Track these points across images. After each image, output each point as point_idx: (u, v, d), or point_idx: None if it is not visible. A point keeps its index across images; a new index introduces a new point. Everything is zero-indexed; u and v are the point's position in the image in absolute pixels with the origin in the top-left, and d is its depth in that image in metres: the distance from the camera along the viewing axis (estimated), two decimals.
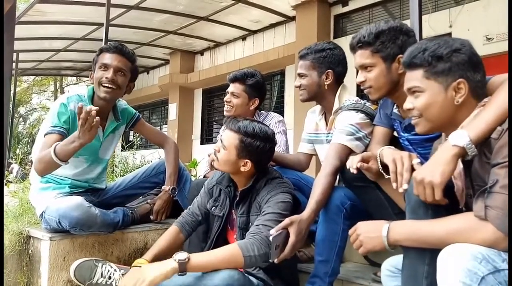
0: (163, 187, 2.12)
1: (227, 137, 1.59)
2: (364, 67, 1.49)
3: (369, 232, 1.14)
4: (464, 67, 1.07)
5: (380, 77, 1.46)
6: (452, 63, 1.07)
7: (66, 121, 1.82)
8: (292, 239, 1.40)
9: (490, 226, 0.94)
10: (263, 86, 2.27)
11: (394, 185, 1.21)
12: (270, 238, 1.37)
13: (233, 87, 2.21)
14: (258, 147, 1.56)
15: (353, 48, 1.51)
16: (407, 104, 1.15)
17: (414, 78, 1.12)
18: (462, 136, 1.01)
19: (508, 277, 0.90)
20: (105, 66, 1.86)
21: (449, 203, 1.07)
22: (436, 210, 1.07)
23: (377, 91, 1.49)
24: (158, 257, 1.62)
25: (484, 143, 1.01)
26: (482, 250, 0.92)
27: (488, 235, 0.93)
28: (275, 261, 1.39)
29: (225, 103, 2.23)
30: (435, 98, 1.09)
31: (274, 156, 1.88)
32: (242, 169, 1.58)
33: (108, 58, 1.87)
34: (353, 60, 1.55)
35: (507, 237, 0.92)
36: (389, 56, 1.44)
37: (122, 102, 2.11)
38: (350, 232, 1.21)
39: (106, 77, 1.84)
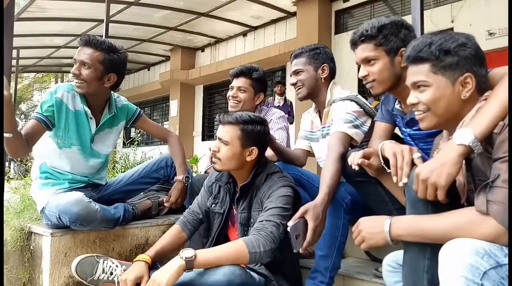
0: (175, 177, 2.12)
1: (227, 132, 1.59)
2: (366, 61, 1.47)
3: (371, 228, 1.13)
4: (471, 61, 1.06)
5: (384, 70, 1.45)
6: (460, 57, 1.06)
7: (48, 109, 1.84)
8: (311, 224, 1.41)
9: (492, 220, 0.93)
10: (266, 81, 2.29)
11: (394, 178, 1.20)
12: (288, 229, 1.38)
13: (240, 82, 2.19)
14: (260, 131, 1.59)
15: (355, 43, 1.50)
16: (411, 99, 1.13)
17: (419, 72, 1.10)
18: (467, 135, 1.00)
19: (508, 272, 0.90)
20: (75, 61, 1.87)
21: (450, 198, 1.07)
22: (436, 204, 1.06)
23: (381, 84, 1.47)
24: (161, 255, 1.63)
25: (488, 139, 1.00)
26: (484, 245, 0.91)
27: (490, 230, 0.93)
28: (300, 250, 1.41)
29: (230, 98, 2.20)
30: (443, 93, 1.07)
31: (279, 148, 1.89)
32: (248, 158, 1.58)
33: (76, 52, 1.88)
34: (353, 58, 1.54)
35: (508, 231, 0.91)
36: (392, 49, 1.44)
37: (122, 98, 2.10)
38: (353, 228, 1.20)
39: (71, 72, 1.87)
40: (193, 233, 1.76)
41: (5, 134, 1.58)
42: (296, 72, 1.90)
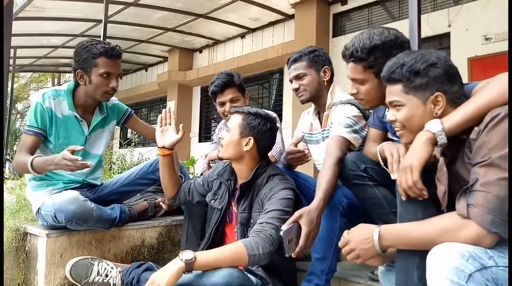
0: None
1: (232, 119, 1.67)
2: (356, 81, 1.49)
3: (362, 244, 1.14)
4: (440, 80, 1.11)
5: (372, 91, 1.46)
6: (429, 77, 1.11)
7: (43, 120, 1.84)
8: (304, 230, 1.41)
9: (473, 223, 0.96)
10: (242, 79, 2.27)
11: (392, 176, 1.23)
12: (281, 233, 1.37)
13: (229, 93, 2.16)
14: (260, 124, 1.62)
15: (345, 58, 1.50)
16: (389, 116, 1.20)
17: (394, 92, 1.17)
18: (435, 124, 1.07)
19: (509, 271, 0.92)
20: None
21: (437, 201, 1.09)
22: (425, 202, 1.10)
23: (369, 103, 1.51)
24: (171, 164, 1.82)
25: (467, 144, 1.04)
26: (469, 248, 0.94)
27: (471, 233, 0.96)
28: (292, 255, 1.41)
29: (227, 115, 2.13)
30: (415, 112, 1.13)
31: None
32: (245, 148, 1.61)
33: None
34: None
35: (489, 233, 0.94)
36: (382, 71, 1.42)
37: (113, 98, 2.09)
38: (340, 245, 1.20)
39: None
40: (179, 196, 1.87)
41: (36, 174, 1.76)
42: (298, 77, 1.88)
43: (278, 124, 2.22)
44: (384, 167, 1.35)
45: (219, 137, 1.69)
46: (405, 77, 1.13)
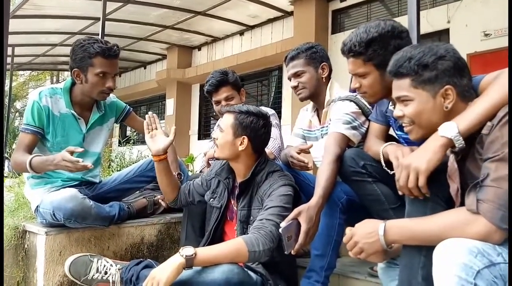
0: None
1: (224, 119, 1.65)
2: (358, 75, 1.48)
3: (367, 238, 1.12)
4: (450, 73, 1.08)
5: (375, 84, 1.45)
6: (438, 71, 1.08)
7: (40, 119, 1.83)
8: (303, 227, 1.40)
9: (482, 219, 0.94)
10: (237, 76, 2.27)
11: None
12: (280, 230, 1.37)
13: (224, 92, 2.17)
14: (252, 122, 1.60)
15: (344, 54, 1.50)
16: (397, 112, 1.17)
17: (401, 87, 1.13)
18: (451, 128, 1.03)
19: (509, 270, 0.91)
20: None
21: (448, 200, 1.08)
22: (434, 201, 1.08)
23: (373, 96, 1.50)
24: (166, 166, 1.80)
25: (478, 140, 1.02)
26: (477, 244, 0.92)
27: (480, 228, 0.94)
28: (292, 252, 1.40)
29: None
30: (425, 106, 1.10)
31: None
32: (240, 148, 1.60)
33: None
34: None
35: (499, 229, 0.93)
36: (382, 63, 1.40)
37: (111, 95, 2.08)
38: (345, 240, 1.19)
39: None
40: (179, 198, 1.86)
41: (35, 173, 1.76)
42: (296, 75, 1.87)
43: (274, 120, 2.22)
44: (386, 169, 1.34)
45: (214, 137, 1.67)
46: (413, 71, 1.09)
